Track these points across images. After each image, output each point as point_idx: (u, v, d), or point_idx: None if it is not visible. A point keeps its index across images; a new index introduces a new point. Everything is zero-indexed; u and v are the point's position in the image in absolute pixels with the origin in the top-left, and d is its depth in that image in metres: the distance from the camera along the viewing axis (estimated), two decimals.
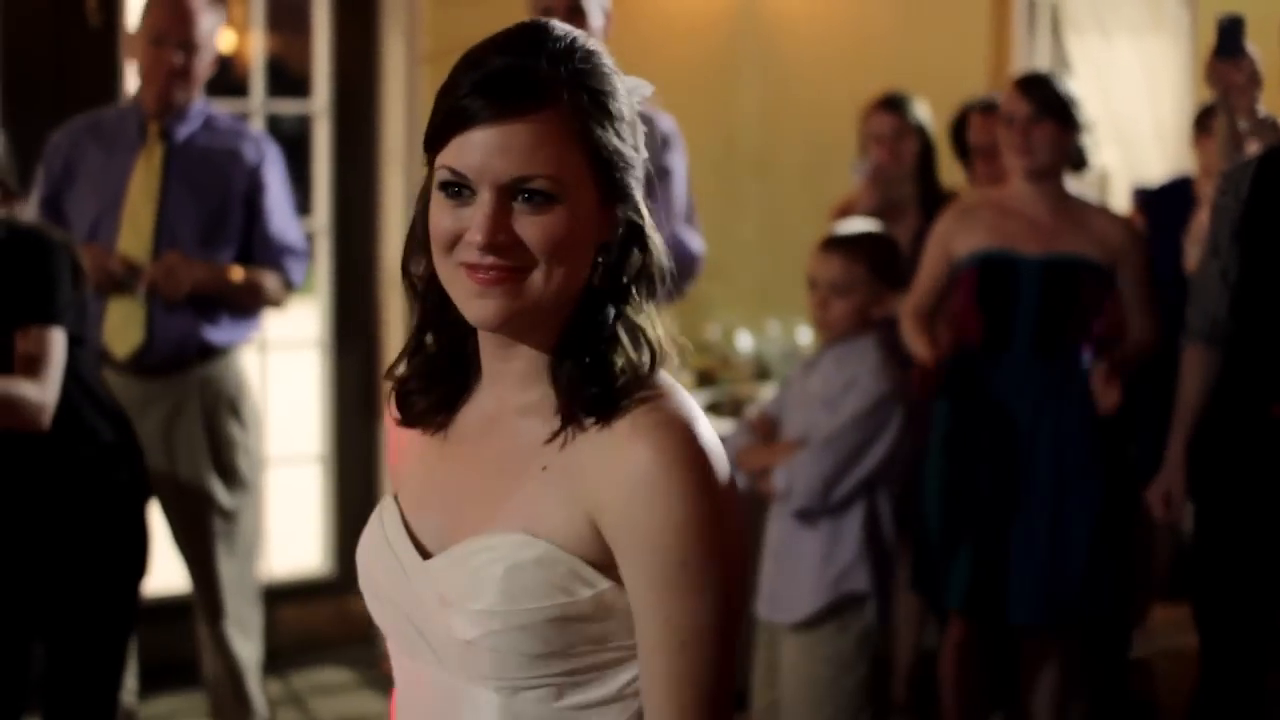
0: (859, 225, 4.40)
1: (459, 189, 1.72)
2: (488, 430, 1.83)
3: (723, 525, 1.70)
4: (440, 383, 1.87)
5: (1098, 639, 5.09)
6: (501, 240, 1.70)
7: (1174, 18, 7.61)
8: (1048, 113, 4.54)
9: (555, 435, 1.74)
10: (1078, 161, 4.62)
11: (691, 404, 1.75)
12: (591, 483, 1.71)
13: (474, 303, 1.73)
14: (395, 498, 1.92)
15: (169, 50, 4.40)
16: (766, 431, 4.28)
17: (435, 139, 1.74)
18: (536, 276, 1.71)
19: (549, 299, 1.72)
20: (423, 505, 1.87)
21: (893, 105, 5.52)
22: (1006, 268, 4.56)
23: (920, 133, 5.51)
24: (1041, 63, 7.39)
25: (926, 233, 4.90)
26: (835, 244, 4.17)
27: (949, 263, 4.67)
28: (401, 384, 1.89)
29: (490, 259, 1.70)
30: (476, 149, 1.70)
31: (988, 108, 5.28)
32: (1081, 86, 7.08)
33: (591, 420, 1.72)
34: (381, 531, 1.88)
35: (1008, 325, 4.57)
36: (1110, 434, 4.58)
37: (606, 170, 1.74)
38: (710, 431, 1.73)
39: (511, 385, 1.81)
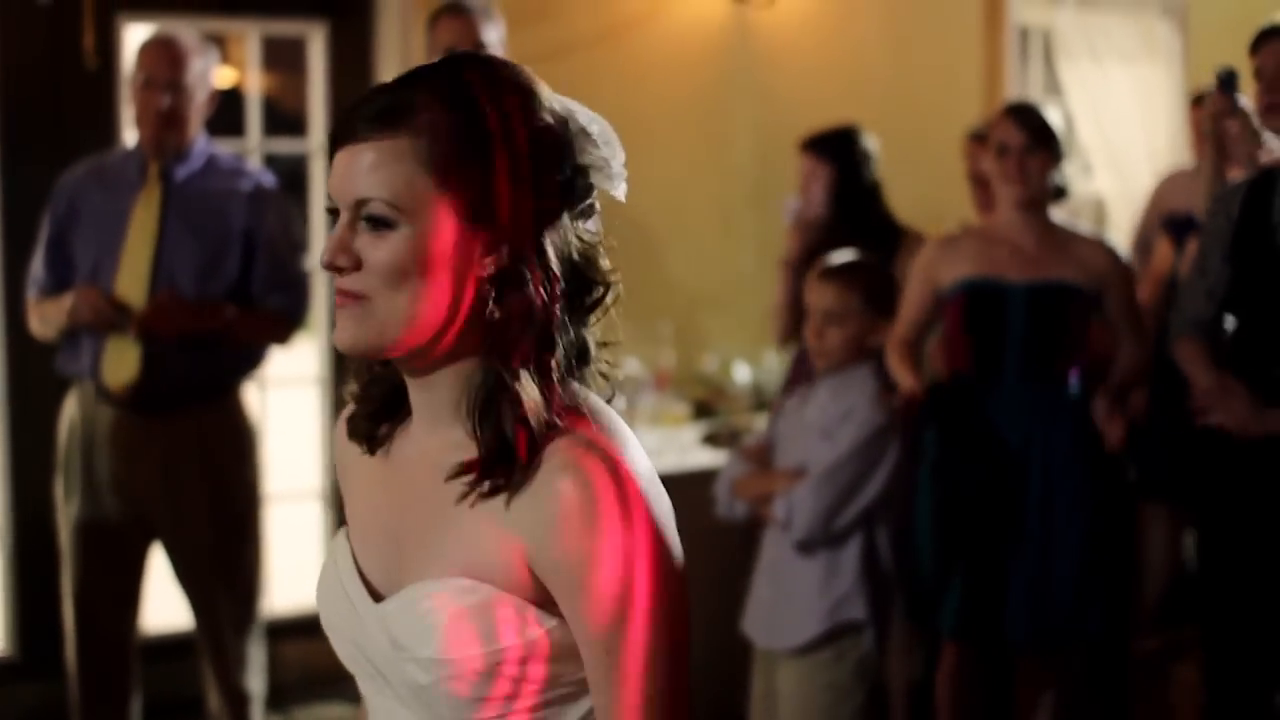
0: (852, 255, 4.42)
1: (333, 211, 1.73)
2: (419, 464, 1.79)
3: (654, 554, 1.67)
4: (382, 407, 1.85)
5: (1095, 665, 5.10)
6: (341, 262, 1.69)
7: (1166, 44, 7.65)
8: (1042, 143, 4.58)
9: (469, 492, 1.71)
10: (1058, 190, 4.66)
11: (618, 429, 1.72)
12: (521, 521, 1.68)
13: (336, 325, 1.73)
14: (346, 534, 1.90)
15: (158, 93, 4.44)
16: (762, 458, 4.29)
17: (329, 159, 1.75)
18: (378, 303, 1.69)
19: (397, 327, 1.69)
20: (368, 542, 1.85)
21: (811, 146, 5.45)
22: (993, 295, 4.59)
23: (856, 171, 5.42)
24: (1034, 89, 7.42)
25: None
26: (830, 273, 4.19)
27: (934, 293, 4.70)
28: (354, 404, 1.88)
29: (341, 281, 1.70)
30: (336, 168, 1.71)
31: (980, 137, 5.30)
32: (1074, 113, 7.15)
33: (497, 483, 1.69)
34: (335, 571, 1.87)
35: (996, 352, 4.60)
36: (1101, 456, 4.60)
37: (472, 204, 1.69)
38: (639, 456, 1.71)
39: (433, 419, 1.78)
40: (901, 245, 5.26)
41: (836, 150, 5.39)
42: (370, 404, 1.85)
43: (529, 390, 1.69)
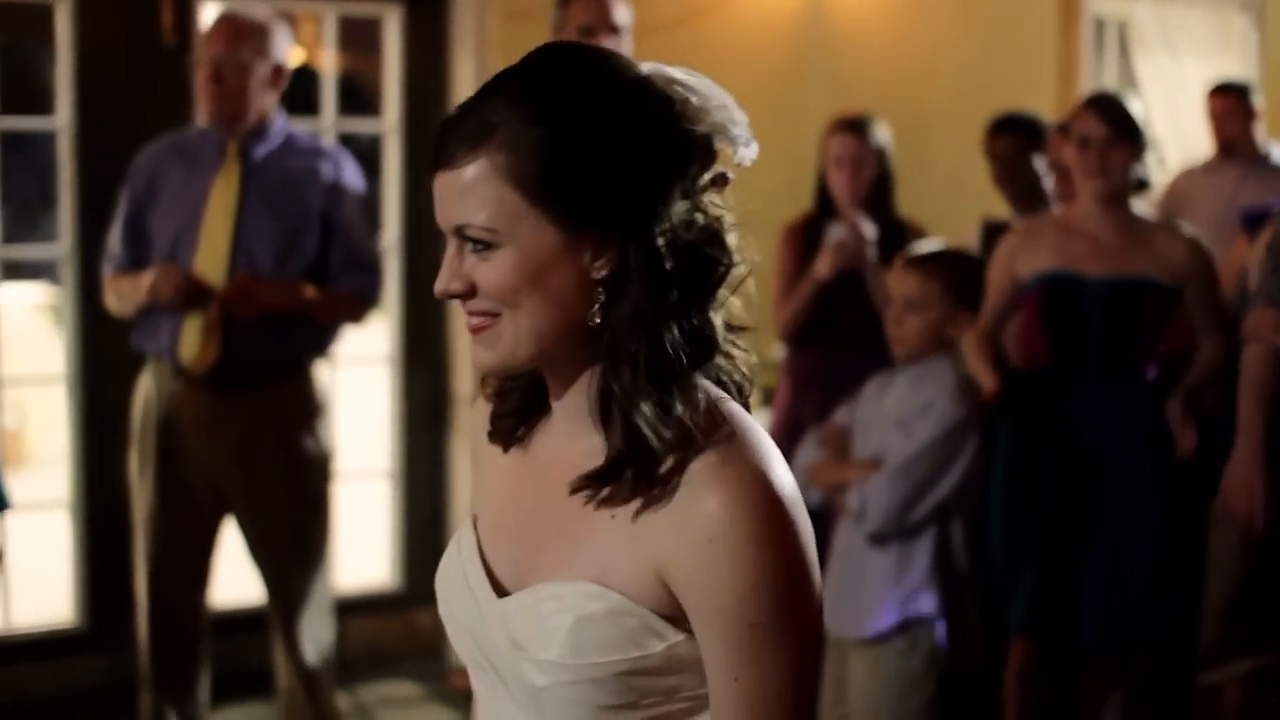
0: (937, 243, 4.39)
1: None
2: (557, 465, 1.76)
3: (797, 581, 1.62)
4: (520, 406, 1.83)
5: (1164, 664, 5.06)
6: (456, 288, 1.68)
7: (1242, 38, 7.59)
8: (1124, 136, 4.52)
9: (595, 498, 1.67)
10: (1140, 183, 4.61)
11: (764, 445, 1.66)
12: (659, 536, 1.63)
13: (472, 350, 1.72)
14: (475, 524, 1.87)
15: (227, 70, 4.44)
16: (838, 445, 4.25)
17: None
18: (504, 323, 1.67)
19: (526, 344, 1.67)
20: (499, 536, 1.82)
21: (855, 127, 5.30)
22: (1072, 289, 4.55)
23: (880, 157, 5.30)
24: (1109, 81, 7.37)
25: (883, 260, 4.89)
26: (913, 261, 4.16)
27: (1013, 284, 4.66)
28: (494, 406, 1.85)
29: (467, 306, 1.69)
30: (436, 197, 1.69)
31: (1063, 129, 5.23)
32: (1149, 106, 7.10)
33: (628, 486, 1.65)
34: (459, 561, 1.84)
35: (1073, 346, 4.56)
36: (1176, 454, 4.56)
37: (571, 207, 1.64)
38: (785, 475, 1.65)
39: (571, 423, 1.75)
40: (907, 240, 5.21)
41: (876, 134, 5.31)
42: (509, 403, 1.83)
43: (649, 396, 1.64)
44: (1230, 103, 6.71)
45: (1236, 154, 6.65)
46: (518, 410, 1.83)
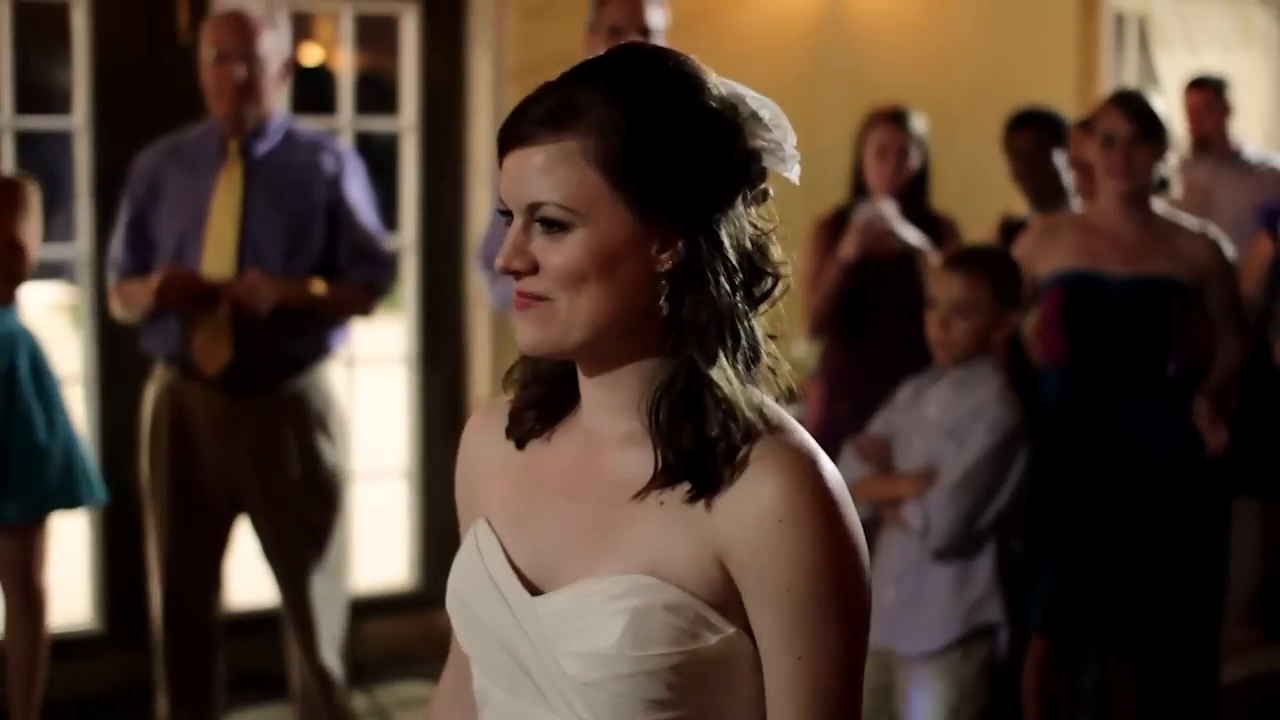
0: (978, 243, 4.31)
1: (507, 212, 1.72)
2: (586, 458, 1.78)
3: (851, 561, 1.67)
4: (546, 401, 1.83)
5: (1186, 662, 5.02)
6: (518, 266, 1.69)
7: (1264, 32, 7.55)
8: (1149, 134, 4.48)
9: (650, 488, 1.70)
10: (1162, 182, 4.56)
11: (808, 437, 1.71)
12: (717, 523, 1.66)
13: (517, 327, 1.73)
14: (489, 524, 1.85)
15: (233, 66, 4.43)
16: (882, 458, 4.14)
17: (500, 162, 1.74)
18: (560, 304, 1.68)
19: (581, 328, 1.69)
20: (522, 534, 1.81)
21: (896, 119, 5.29)
22: (1092, 287, 4.51)
23: (920, 149, 5.31)
24: (1129, 77, 7.34)
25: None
26: (958, 262, 4.04)
27: (1033, 282, 4.63)
28: (516, 400, 1.85)
29: (520, 284, 1.70)
30: (508, 172, 1.70)
31: (1086, 125, 5.20)
32: (1169, 102, 7.07)
33: (703, 479, 1.67)
34: (480, 562, 1.82)
35: (1093, 345, 4.53)
36: (1198, 452, 4.53)
37: (647, 197, 1.67)
38: (832, 465, 1.70)
39: (607, 414, 1.76)
40: (944, 236, 5.18)
41: (916, 125, 5.30)
42: (532, 398, 1.84)
43: (729, 387, 1.68)
44: (1207, 97, 6.73)
45: (1210, 150, 6.67)
46: (540, 405, 1.84)
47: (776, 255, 1.77)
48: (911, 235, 5.07)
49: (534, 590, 1.76)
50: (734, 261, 1.70)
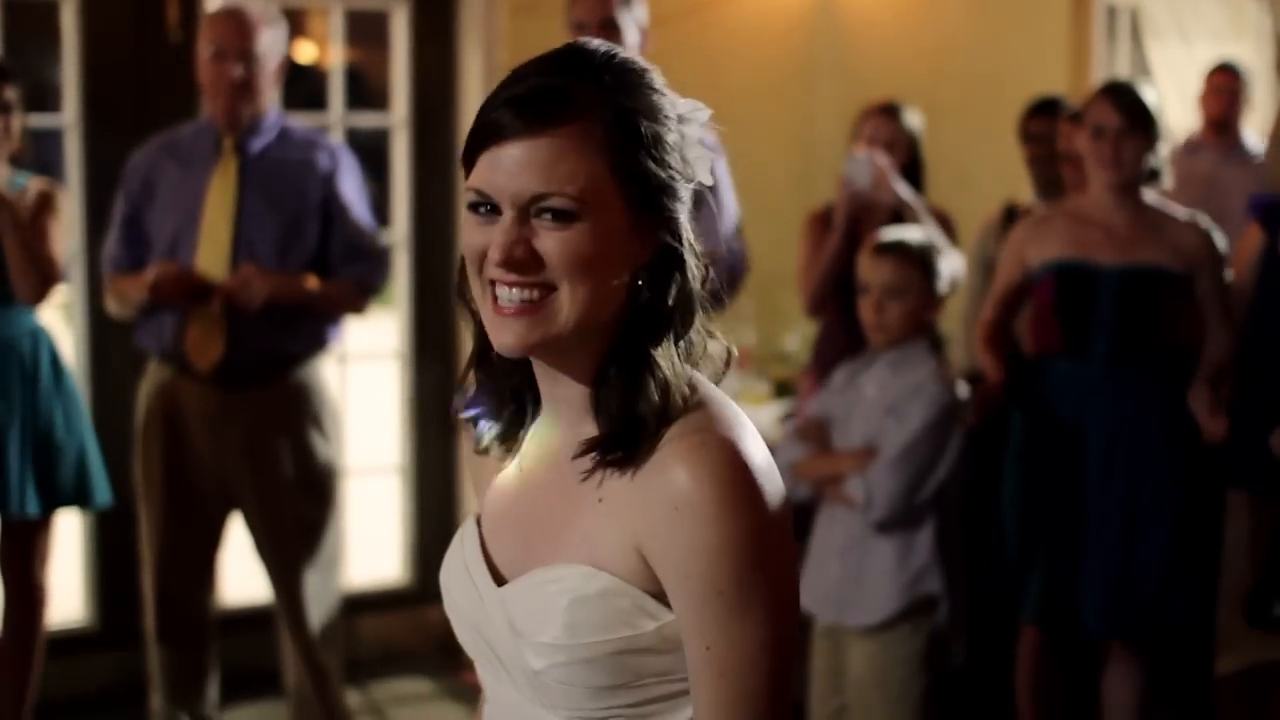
0: (907, 230, 4.38)
1: (485, 207, 1.69)
2: (550, 458, 1.80)
3: (766, 547, 1.64)
4: (506, 408, 1.85)
5: (1180, 654, 5.03)
6: (519, 256, 1.67)
7: (1256, 24, 7.55)
8: (1139, 125, 4.48)
9: (591, 472, 1.71)
10: (1152, 172, 4.56)
11: (736, 419, 1.69)
12: (636, 512, 1.67)
13: (496, 327, 1.71)
14: (478, 521, 1.89)
15: (229, 63, 4.43)
16: (820, 438, 4.26)
17: (468, 154, 1.71)
18: (562, 295, 1.67)
19: (573, 322, 1.68)
20: (499, 531, 1.85)
21: (889, 111, 5.32)
22: (1084, 277, 4.52)
23: (912, 143, 5.32)
24: (1121, 69, 7.34)
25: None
26: (887, 248, 4.16)
27: (1024, 273, 4.64)
28: (472, 412, 1.87)
29: (513, 276, 1.67)
30: (501, 164, 1.66)
31: (1075, 117, 5.20)
32: (1162, 94, 7.07)
33: (624, 458, 1.68)
34: (461, 555, 1.87)
35: (1085, 335, 4.53)
36: (1190, 442, 4.54)
37: (637, 191, 1.69)
38: (757, 447, 1.67)
39: (565, 414, 1.78)
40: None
41: (908, 119, 5.32)
42: (493, 407, 1.86)
43: (671, 367, 1.70)
44: (1232, 83, 6.80)
45: (1223, 134, 6.74)
46: (512, 423, 1.86)
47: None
48: (903, 189, 5.08)
49: (501, 581, 1.80)
50: (698, 250, 1.75)
